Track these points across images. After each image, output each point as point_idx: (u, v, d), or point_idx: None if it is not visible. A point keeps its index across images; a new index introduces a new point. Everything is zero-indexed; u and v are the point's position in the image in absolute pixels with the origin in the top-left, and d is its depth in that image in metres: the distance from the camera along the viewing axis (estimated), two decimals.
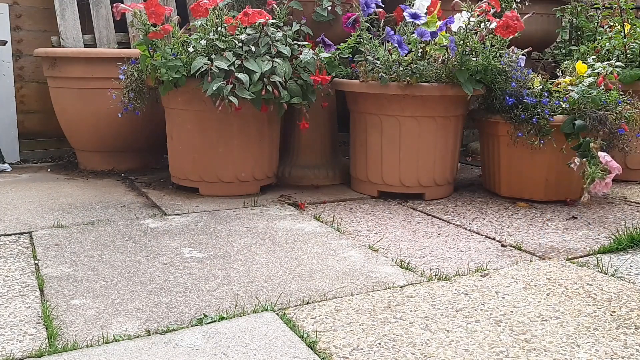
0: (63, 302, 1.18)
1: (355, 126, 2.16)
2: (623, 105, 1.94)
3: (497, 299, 1.22)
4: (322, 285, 1.29)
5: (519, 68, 2.02)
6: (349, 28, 2.19)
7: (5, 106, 2.72)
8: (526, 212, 1.95)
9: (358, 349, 1.00)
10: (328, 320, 1.12)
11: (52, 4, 2.71)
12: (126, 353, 0.98)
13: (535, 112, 1.93)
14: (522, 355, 1.00)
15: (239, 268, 1.39)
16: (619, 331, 1.09)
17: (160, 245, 1.55)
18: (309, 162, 2.33)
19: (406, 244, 1.60)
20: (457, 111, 2.06)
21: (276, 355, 0.98)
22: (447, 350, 1.01)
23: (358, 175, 2.18)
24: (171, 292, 1.25)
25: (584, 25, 2.84)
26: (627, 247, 1.58)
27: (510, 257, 1.52)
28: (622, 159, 2.26)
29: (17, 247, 1.52)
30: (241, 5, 2.30)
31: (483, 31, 1.99)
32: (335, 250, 1.53)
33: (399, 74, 1.94)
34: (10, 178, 2.38)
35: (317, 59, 2.03)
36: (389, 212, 1.93)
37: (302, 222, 1.78)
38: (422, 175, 2.06)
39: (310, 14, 2.29)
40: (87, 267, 1.38)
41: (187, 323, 1.10)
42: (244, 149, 2.06)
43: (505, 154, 2.06)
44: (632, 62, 2.36)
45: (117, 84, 2.23)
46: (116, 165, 2.52)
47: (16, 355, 0.98)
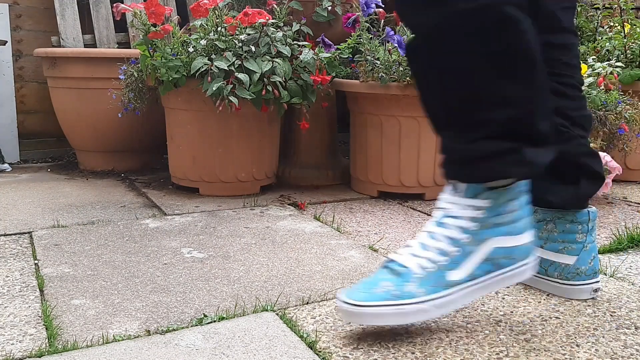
0: (63, 302, 1.18)
1: (355, 126, 2.17)
2: (623, 105, 1.94)
3: (497, 299, 1.22)
4: (322, 285, 1.29)
5: None
6: (349, 28, 2.19)
7: (5, 106, 2.72)
8: None
9: (358, 349, 1.00)
10: (328, 320, 1.12)
11: (52, 4, 2.72)
12: (126, 353, 0.98)
13: None
14: (522, 355, 1.00)
15: (239, 268, 1.39)
16: (618, 331, 1.09)
17: (160, 245, 1.55)
18: (309, 162, 2.33)
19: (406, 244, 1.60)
20: None
21: (276, 355, 0.98)
22: (447, 349, 1.01)
23: (358, 175, 2.18)
24: (171, 292, 1.25)
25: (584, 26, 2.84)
26: (627, 247, 1.58)
27: None
28: (622, 159, 2.26)
29: (17, 247, 1.52)
30: (241, 5, 2.30)
31: None
32: (335, 250, 1.53)
33: (399, 74, 1.94)
34: (10, 178, 2.38)
35: (317, 59, 2.03)
36: (389, 212, 1.93)
37: (302, 222, 1.78)
38: (422, 175, 2.06)
39: (310, 14, 2.30)
40: (87, 267, 1.38)
41: (187, 323, 1.10)
42: (244, 149, 2.06)
43: None
44: (632, 62, 2.36)
45: (117, 84, 2.23)
46: (116, 165, 2.52)
47: (16, 355, 0.98)
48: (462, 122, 1.02)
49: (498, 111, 0.99)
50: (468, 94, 1.00)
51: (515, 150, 1.00)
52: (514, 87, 0.98)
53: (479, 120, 1.00)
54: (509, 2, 0.94)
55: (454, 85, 1.00)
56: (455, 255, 1.02)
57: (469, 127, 1.01)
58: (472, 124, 1.01)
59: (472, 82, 0.99)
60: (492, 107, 0.99)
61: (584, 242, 1.21)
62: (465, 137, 1.01)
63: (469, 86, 0.99)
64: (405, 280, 1.01)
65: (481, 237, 1.03)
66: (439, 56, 1.00)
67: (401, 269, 1.02)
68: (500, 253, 1.04)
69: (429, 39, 1.00)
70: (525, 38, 0.97)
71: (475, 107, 1.00)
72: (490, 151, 1.00)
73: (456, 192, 1.05)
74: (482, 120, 1.00)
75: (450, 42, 0.98)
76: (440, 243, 1.03)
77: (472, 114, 1.00)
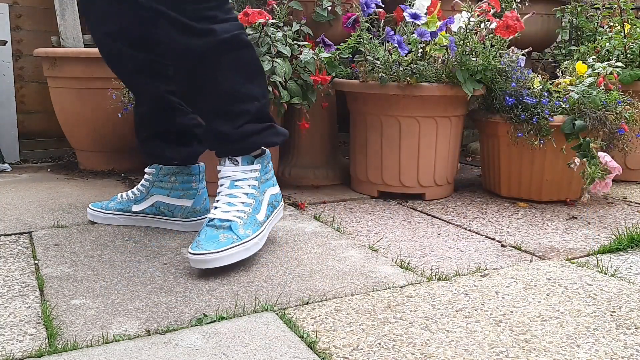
0: (63, 302, 1.18)
1: (355, 126, 2.17)
2: (623, 105, 1.94)
3: (497, 299, 1.22)
4: (322, 285, 1.29)
5: (519, 68, 2.02)
6: (349, 28, 2.19)
7: (5, 106, 2.72)
8: (526, 212, 1.95)
9: (358, 349, 1.00)
10: (328, 320, 1.12)
11: (52, 4, 2.71)
12: (126, 353, 0.98)
13: (535, 112, 1.93)
14: (522, 355, 1.00)
15: (239, 268, 1.39)
16: (619, 331, 1.09)
17: (160, 245, 1.55)
18: (309, 162, 2.33)
19: (406, 244, 1.60)
20: (457, 111, 2.06)
21: (276, 355, 0.98)
22: (447, 350, 1.01)
23: (358, 175, 2.18)
24: (171, 292, 1.25)
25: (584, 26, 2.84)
26: (627, 247, 1.58)
27: (510, 257, 1.52)
28: (622, 159, 2.26)
29: (17, 247, 1.52)
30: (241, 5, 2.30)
31: (483, 31, 1.99)
32: (335, 250, 1.53)
33: (399, 74, 1.94)
34: (10, 178, 2.38)
35: (317, 59, 2.03)
36: (389, 212, 1.93)
37: (302, 222, 1.78)
38: (422, 175, 2.06)
39: (310, 14, 2.30)
40: (87, 267, 1.38)
41: (187, 323, 1.10)
42: None
43: (505, 154, 2.06)
44: (632, 62, 2.36)
45: (117, 84, 2.22)
46: (116, 165, 2.52)
47: (16, 355, 0.98)
48: (229, 114, 1.44)
49: (250, 104, 1.44)
50: (230, 94, 1.43)
51: (270, 127, 1.48)
52: (256, 88, 1.46)
53: (240, 112, 1.44)
54: (243, 32, 1.44)
55: (221, 88, 1.42)
56: (254, 204, 1.45)
57: (234, 117, 1.44)
58: (236, 114, 1.43)
59: (233, 85, 1.42)
60: (247, 102, 1.44)
61: (197, 189, 1.68)
62: (233, 124, 1.43)
63: (230, 89, 1.43)
64: (236, 228, 1.38)
65: (262, 189, 1.49)
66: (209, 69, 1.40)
67: (225, 223, 1.39)
68: (273, 198, 1.53)
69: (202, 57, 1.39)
70: (256, 55, 1.48)
71: (236, 102, 1.43)
72: (253, 131, 1.45)
73: (236, 164, 1.46)
74: (243, 111, 1.44)
75: (216, 59, 1.40)
76: (241, 198, 1.44)
77: (235, 108, 1.43)
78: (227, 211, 1.41)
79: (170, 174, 1.67)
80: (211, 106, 1.45)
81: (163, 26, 1.37)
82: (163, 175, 1.68)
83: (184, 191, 1.66)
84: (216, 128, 1.44)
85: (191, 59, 1.40)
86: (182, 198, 1.66)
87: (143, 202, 1.68)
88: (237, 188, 1.44)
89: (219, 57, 1.39)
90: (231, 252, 1.34)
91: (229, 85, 1.42)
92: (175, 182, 1.67)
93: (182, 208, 1.66)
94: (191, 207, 1.66)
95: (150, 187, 1.68)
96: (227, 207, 1.42)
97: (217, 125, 1.44)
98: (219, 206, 1.42)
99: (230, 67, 1.41)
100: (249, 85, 1.44)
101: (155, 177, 1.68)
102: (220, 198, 1.44)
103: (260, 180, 1.48)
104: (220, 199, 1.44)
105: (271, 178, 1.54)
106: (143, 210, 1.68)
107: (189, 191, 1.67)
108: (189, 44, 1.37)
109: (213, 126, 1.45)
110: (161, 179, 1.68)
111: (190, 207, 1.66)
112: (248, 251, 1.38)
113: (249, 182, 1.46)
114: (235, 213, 1.41)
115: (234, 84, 1.42)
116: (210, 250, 1.31)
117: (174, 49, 1.41)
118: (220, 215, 1.40)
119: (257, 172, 1.47)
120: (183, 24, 1.35)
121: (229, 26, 1.41)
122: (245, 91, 1.44)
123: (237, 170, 1.45)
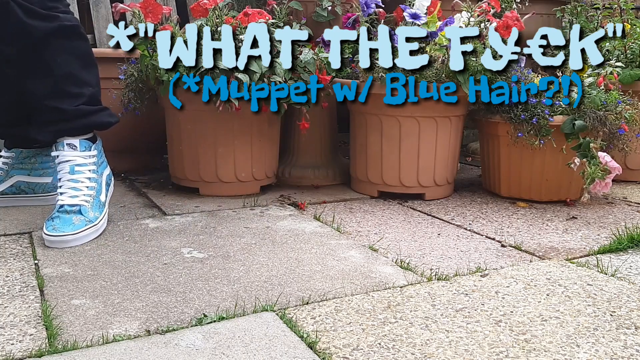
0: (63, 302, 1.18)
1: (355, 126, 2.17)
2: (623, 105, 1.94)
3: (497, 299, 1.22)
4: (322, 285, 1.29)
5: (519, 68, 2.02)
6: (349, 28, 2.19)
7: None
8: (526, 212, 1.95)
9: (358, 349, 1.00)
10: (328, 321, 1.12)
11: None
12: (126, 353, 0.98)
13: (535, 112, 1.93)
14: (522, 355, 1.00)
15: (239, 268, 1.39)
16: (619, 331, 1.09)
17: (160, 245, 1.55)
18: (309, 162, 2.33)
19: (406, 244, 1.60)
20: (457, 111, 2.06)
21: (276, 355, 0.98)
22: (447, 350, 1.01)
23: (358, 175, 2.18)
24: (171, 292, 1.25)
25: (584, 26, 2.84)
26: (627, 247, 1.58)
27: (510, 257, 1.52)
28: (622, 159, 2.26)
29: (17, 247, 1.52)
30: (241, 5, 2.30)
31: (483, 31, 1.99)
32: (335, 250, 1.53)
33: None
34: None
35: (317, 59, 2.03)
36: (389, 212, 1.93)
37: (302, 222, 1.78)
38: (422, 175, 2.06)
39: (310, 14, 2.30)
40: (87, 267, 1.38)
41: (187, 323, 1.10)
42: (243, 149, 2.06)
43: (505, 154, 2.06)
44: (632, 62, 2.36)
45: (117, 84, 2.23)
46: (116, 165, 2.51)
47: (16, 355, 0.98)
48: (67, 94, 1.62)
49: (86, 89, 1.65)
50: (69, 76, 1.62)
51: (104, 109, 1.71)
52: (91, 76, 1.68)
53: (77, 93, 1.63)
54: (82, 27, 1.67)
55: (59, 71, 1.61)
56: (97, 187, 1.64)
57: (72, 97, 1.63)
58: (73, 95, 1.63)
59: (71, 70, 1.62)
60: (82, 86, 1.65)
61: (54, 168, 1.80)
62: (70, 103, 1.62)
63: (69, 72, 1.62)
64: (86, 212, 1.56)
65: (100, 172, 1.69)
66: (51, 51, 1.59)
67: (75, 208, 1.56)
68: (109, 178, 1.75)
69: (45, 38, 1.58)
70: (91, 50, 1.71)
71: (73, 85, 1.63)
72: (89, 110, 1.65)
73: (74, 149, 1.63)
74: (79, 93, 1.64)
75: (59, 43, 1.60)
76: (85, 183, 1.61)
77: (72, 89, 1.63)
78: (75, 196, 1.58)
79: (30, 155, 1.85)
80: (50, 87, 1.61)
81: (12, 9, 1.54)
82: (23, 157, 1.84)
83: (44, 170, 1.86)
84: (54, 105, 1.60)
85: (35, 39, 1.57)
86: (42, 176, 1.86)
87: (2, 183, 1.83)
88: (79, 173, 1.61)
89: (61, 41, 1.59)
90: (85, 233, 1.53)
91: (67, 69, 1.61)
92: (35, 163, 1.85)
93: (43, 185, 1.85)
94: (51, 183, 1.86)
95: (10, 170, 1.84)
96: (73, 192, 1.59)
97: (55, 104, 1.61)
98: (65, 192, 1.59)
99: (70, 52, 1.62)
100: (84, 72, 1.66)
101: (15, 160, 1.84)
102: (63, 184, 1.60)
103: (97, 164, 1.68)
104: (63, 184, 1.60)
105: (104, 160, 1.75)
106: (2, 191, 1.83)
107: (48, 169, 1.86)
108: (35, 25, 1.56)
109: (51, 105, 1.61)
110: (21, 161, 1.84)
111: (51, 183, 1.86)
112: (98, 231, 1.58)
113: (89, 167, 1.64)
114: (82, 197, 1.59)
115: (72, 69, 1.62)
116: (68, 232, 1.49)
117: (21, 29, 1.57)
118: (69, 201, 1.57)
119: (95, 158, 1.67)
120: (30, 9, 1.56)
121: (71, 17, 1.64)
122: (82, 77, 1.65)
123: (77, 155, 1.63)
